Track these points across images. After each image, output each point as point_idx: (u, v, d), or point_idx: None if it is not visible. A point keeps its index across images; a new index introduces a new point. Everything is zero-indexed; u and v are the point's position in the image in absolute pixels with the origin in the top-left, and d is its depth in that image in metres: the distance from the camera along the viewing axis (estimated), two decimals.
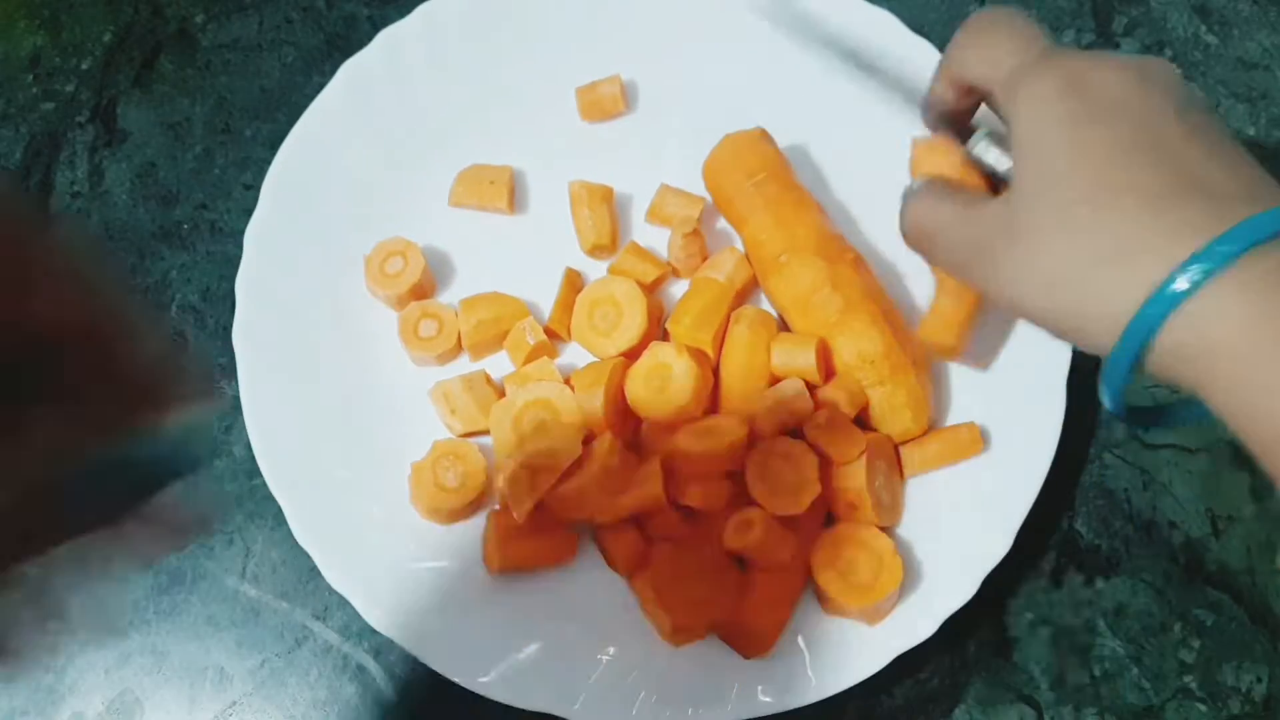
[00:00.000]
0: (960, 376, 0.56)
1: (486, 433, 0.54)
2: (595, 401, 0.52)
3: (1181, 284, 0.35)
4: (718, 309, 0.55)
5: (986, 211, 0.42)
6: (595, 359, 0.55)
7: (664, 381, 0.53)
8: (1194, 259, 0.35)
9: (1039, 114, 0.40)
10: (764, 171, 0.56)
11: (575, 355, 0.57)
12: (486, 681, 0.51)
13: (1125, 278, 0.37)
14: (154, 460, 0.31)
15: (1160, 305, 0.36)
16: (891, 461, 0.53)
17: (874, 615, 0.51)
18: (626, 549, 0.52)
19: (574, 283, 0.57)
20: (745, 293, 0.57)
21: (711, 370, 0.54)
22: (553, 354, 0.56)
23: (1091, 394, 0.57)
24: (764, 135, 0.57)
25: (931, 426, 0.54)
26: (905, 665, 0.51)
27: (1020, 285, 0.40)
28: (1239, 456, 0.56)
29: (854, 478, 0.51)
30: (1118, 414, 0.40)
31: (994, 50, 0.44)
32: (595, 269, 0.58)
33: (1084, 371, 0.57)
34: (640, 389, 0.53)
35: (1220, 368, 0.35)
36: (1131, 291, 0.36)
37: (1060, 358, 0.54)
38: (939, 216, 0.44)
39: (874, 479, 0.52)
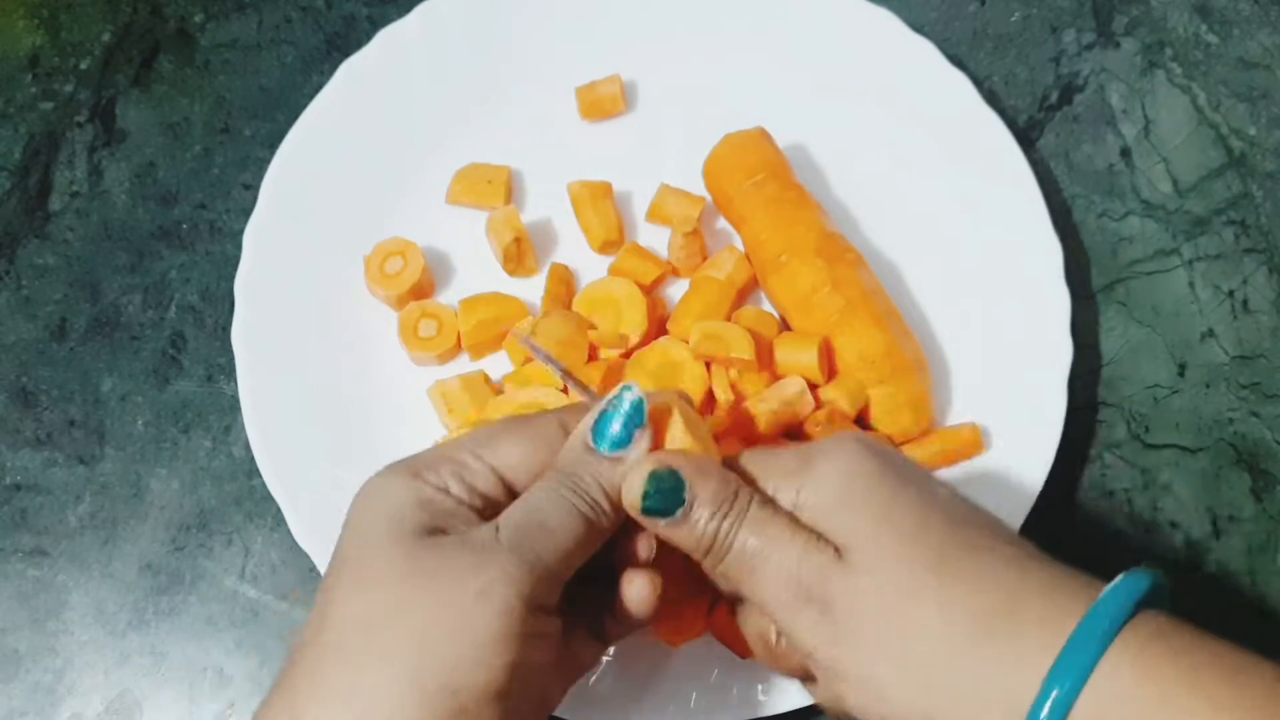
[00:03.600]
0: (960, 376, 0.56)
1: None
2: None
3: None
4: (718, 309, 0.54)
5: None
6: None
7: (667, 382, 0.52)
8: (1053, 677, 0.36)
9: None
10: (764, 171, 0.56)
11: None
12: None
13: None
14: None
15: None
16: None
17: None
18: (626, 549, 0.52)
19: (561, 277, 0.57)
20: (745, 292, 0.57)
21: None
22: None
23: (1091, 394, 0.57)
24: (764, 135, 0.57)
25: (932, 426, 0.54)
26: None
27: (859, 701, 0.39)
28: (1239, 456, 0.56)
29: None
30: None
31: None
32: (593, 268, 0.58)
33: (1084, 372, 0.57)
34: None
35: None
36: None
37: (1061, 358, 0.54)
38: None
39: None
